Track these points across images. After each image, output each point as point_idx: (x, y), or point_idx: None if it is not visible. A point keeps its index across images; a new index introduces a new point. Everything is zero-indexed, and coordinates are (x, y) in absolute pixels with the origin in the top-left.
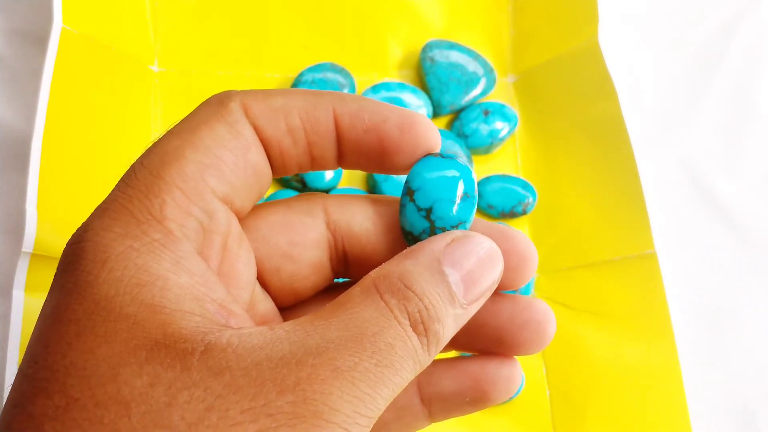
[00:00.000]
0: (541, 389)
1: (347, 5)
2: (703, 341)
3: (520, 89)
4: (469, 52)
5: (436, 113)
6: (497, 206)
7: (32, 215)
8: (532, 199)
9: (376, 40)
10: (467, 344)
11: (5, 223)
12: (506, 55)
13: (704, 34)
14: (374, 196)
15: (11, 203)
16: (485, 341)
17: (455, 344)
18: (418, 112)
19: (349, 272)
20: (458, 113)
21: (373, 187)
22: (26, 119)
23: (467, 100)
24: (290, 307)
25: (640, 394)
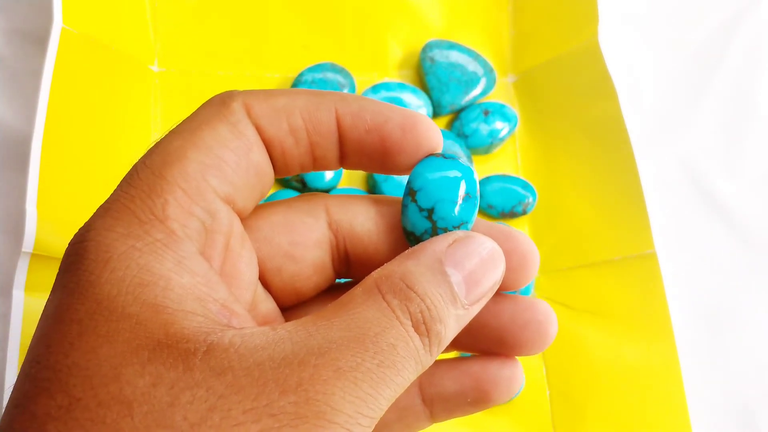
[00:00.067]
0: (541, 389)
1: (347, 5)
2: (703, 341)
3: (520, 89)
4: (469, 52)
5: (436, 113)
6: (497, 206)
7: (32, 215)
8: (532, 199)
9: (376, 40)
10: (469, 345)
11: (5, 222)
12: (506, 55)
13: (704, 34)
14: (376, 196)
15: (11, 203)
16: (487, 342)
17: (457, 345)
18: (418, 112)
19: (350, 272)
20: (458, 113)
21: (373, 187)
22: (26, 119)
23: (467, 100)
24: (292, 307)
25: (640, 394)
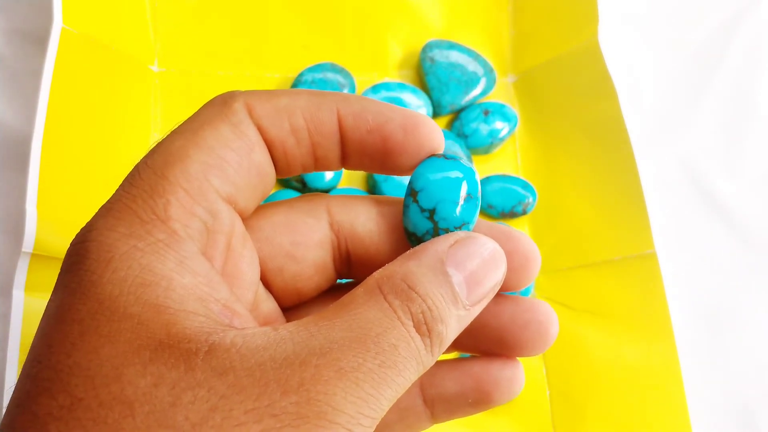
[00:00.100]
0: (541, 389)
1: (347, 5)
2: (703, 341)
3: (520, 89)
4: (469, 52)
5: (436, 113)
6: (497, 206)
7: (32, 215)
8: (532, 199)
9: (376, 40)
10: (470, 345)
11: (5, 222)
12: (506, 55)
13: (704, 34)
14: (377, 196)
15: (11, 203)
16: (488, 342)
17: (458, 345)
18: (419, 112)
19: (352, 273)
20: (458, 113)
21: (373, 187)
22: (26, 119)
23: (467, 100)
24: (293, 307)
25: (640, 394)
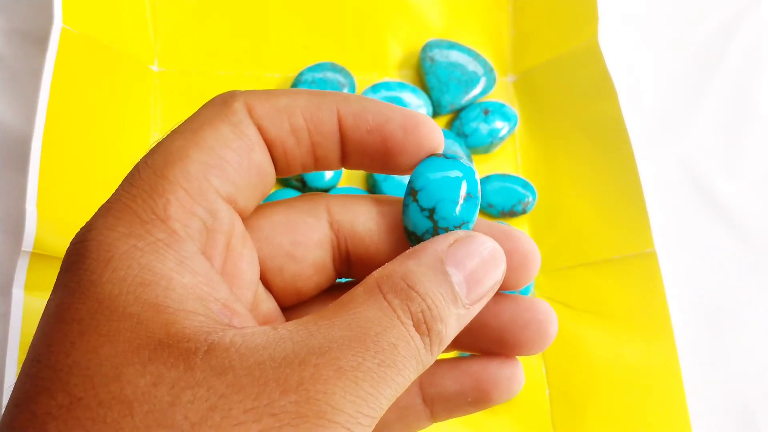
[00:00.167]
0: (541, 389)
1: (347, 5)
2: (703, 341)
3: (519, 89)
4: (469, 51)
5: (436, 113)
6: (497, 205)
7: (32, 214)
8: (532, 198)
9: (376, 39)
10: (469, 344)
11: (5, 222)
12: (506, 54)
13: (704, 34)
14: (377, 196)
15: (11, 203)
16: (487, 341)
17: (457, 344)
18: (419, 112)
19: (351, 272)
20: (458, 113)
21: (372, 186)
22: (26, 119)
23: (467, 99)
24: (293, 306)
25: (640, 394)
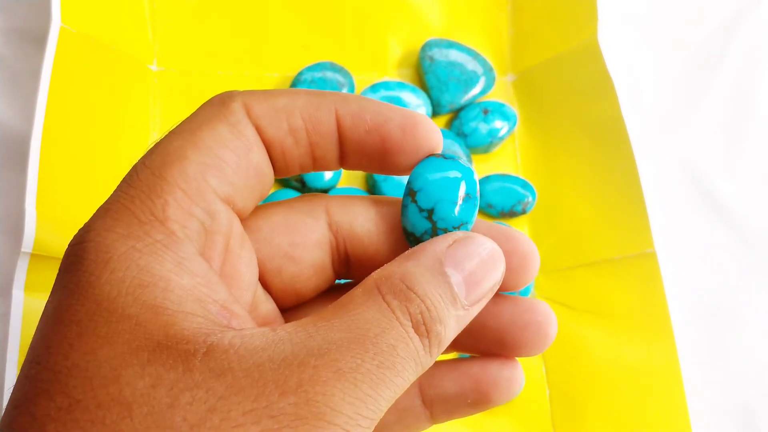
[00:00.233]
0: (541, 389)
1: (347, 5)
2: (703, 341)
3: (519, 88)
4: (468, 51)
5: (435, 112)
6: (497, 205)
7: (32, 215)
8: (531, 198)
9: (375, 39)
10: (468, 346)
11: (5, 222)
12: (505, 54)
13: (704, 34)
14: (376, 197)
15: (11, 203)
16: (486, 343)
17: (456, 346)
18: (417, 111)
19: (350, 273)
20: (457, 112)
21: (372, 186)
22: (25, 119)
23: (466, 99)
24: (292, 308)
25: (640, 394)
